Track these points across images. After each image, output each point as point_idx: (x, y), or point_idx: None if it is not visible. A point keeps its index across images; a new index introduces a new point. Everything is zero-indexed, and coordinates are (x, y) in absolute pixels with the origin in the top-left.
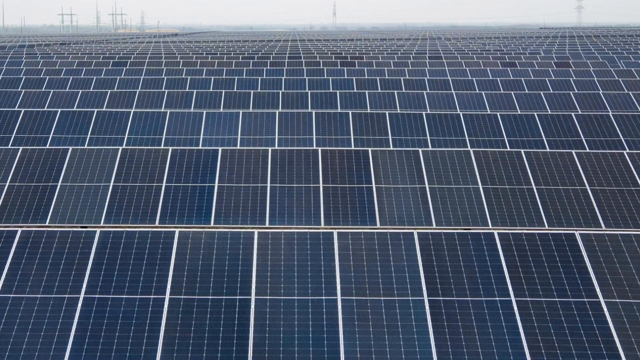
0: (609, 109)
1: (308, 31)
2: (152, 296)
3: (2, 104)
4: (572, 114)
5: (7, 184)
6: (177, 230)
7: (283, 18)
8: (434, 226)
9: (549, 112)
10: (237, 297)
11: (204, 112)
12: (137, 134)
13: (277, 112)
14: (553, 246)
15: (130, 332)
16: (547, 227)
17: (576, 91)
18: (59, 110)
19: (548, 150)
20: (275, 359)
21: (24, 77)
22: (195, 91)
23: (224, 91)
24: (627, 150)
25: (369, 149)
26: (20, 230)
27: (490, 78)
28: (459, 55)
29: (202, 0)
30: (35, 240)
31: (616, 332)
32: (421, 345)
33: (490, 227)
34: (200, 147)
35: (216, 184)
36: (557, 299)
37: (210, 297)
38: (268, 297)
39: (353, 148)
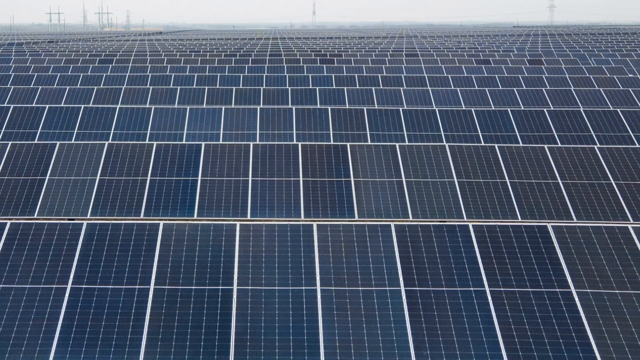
0: (580, 105)
1: (289, 30)
2: (137, 286)
3: None
4: (545, 109)
5: None
6: (161, 223)
7: (264, 17)
8: (411, 219)
9: (522, 108)
10: (220, 287)
11: (188, 108)
12: (122, 129)
13: (258, 108)
14: (526, 238)
15: (116, 322)
16: (520, 220)
17: (548, 88)
18: (47, 106)
19: (521, 144)
20: (257, 347)
21: (13, 74)
22: (179, 88)
23: (206, 88)
24: (598, 145)
25: (348, 144)
26: (9, 222)
27: (465, 75)
28: (435, 53)
29: None
30: (24, 232)
31: (587, 321)
32: (398, 333)
33: (465, 219)
34: (184, 142)
35: (199, 178)
36: (529, 289)
37: (193, 287)
38: (250, 288)
39: (332, 143)
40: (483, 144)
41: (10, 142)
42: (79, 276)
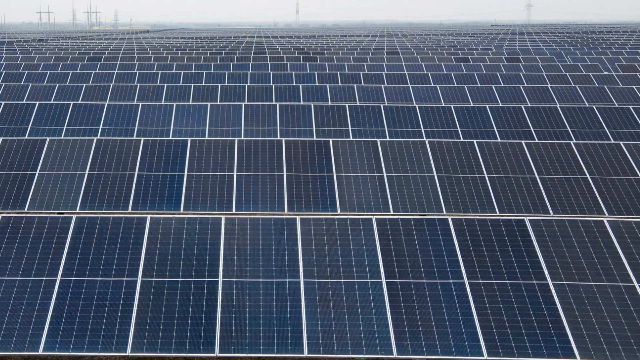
0: (557, 102)
1: (272, 28)
2: (125, 279)
3: None
4: (522, 106)
5: None
6: (148, 217)
7: (249, 16)
8: (392, 212)
9: (500, 105)
10: (206, 279)
11: (174, 104)
12: (111, 125)
13: (243, 104)
14: (504, 231)
15: (105, 313)
16: (498, 213)
17: (526, 85)
18: (37, 102)
19: (499, 140)
20: (242, 337)
21: (3, 71)
22: (165, 85)
23: (193, 85)
24: (574, 141)
25: (330, 140)
26: (0, 216)
27: (445, 72)
28: (415, 51)
29: None
30: (14, 225)
31: (563, 312)
32: (379, 324)
33: (445, 213)
34: (170, 138)
35: (185, 173)
36: (507, 281)
37: (180, 279)
38: (235, 280)
39: (315, 139)
40: (462, 139)
41: (1, 138)
42: (68, 268)
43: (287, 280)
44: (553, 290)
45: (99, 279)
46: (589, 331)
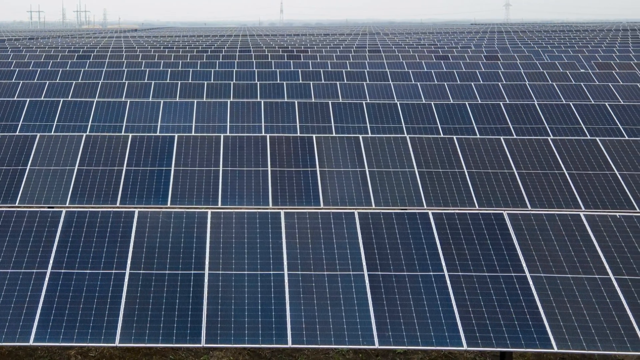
0: (535, 99)
1: (257, 27)
2: (113, 271)
3: None
4: (501, 103)
5: None
6: (136, 211)
7: (235, 15)
8: (373, 206)
9: (479, 102)
10: (192, 272)
11: (162, 101)
12: (99, 121)
13: (228, 101)
14: (483, 225)
15: (94, 304)
16: (477, 208)
17: (504, 82)
18: (28, 99)
19: (478, 136)
20: (227, 328)
21: None
22: (153, 82)
23: (179, 82)
24: (551, 137)
25: (314, 136)
26: None
27: (425, 70)
28: (396, 49)
29: None
30: (5, 219)
31: (541, 304)
32: (361, 316)
33: (425, 207)
34: (158, 134)
35: (172, 168)
36: (486, 274)
37: (167, 272)
38: (220, 272)
39: (299, 134)
40: (442, 135)
41: None
42: (58, 261)
43: (271, 272)
44: (531, 283)
45: (88, 271)
46: (566, 322)
